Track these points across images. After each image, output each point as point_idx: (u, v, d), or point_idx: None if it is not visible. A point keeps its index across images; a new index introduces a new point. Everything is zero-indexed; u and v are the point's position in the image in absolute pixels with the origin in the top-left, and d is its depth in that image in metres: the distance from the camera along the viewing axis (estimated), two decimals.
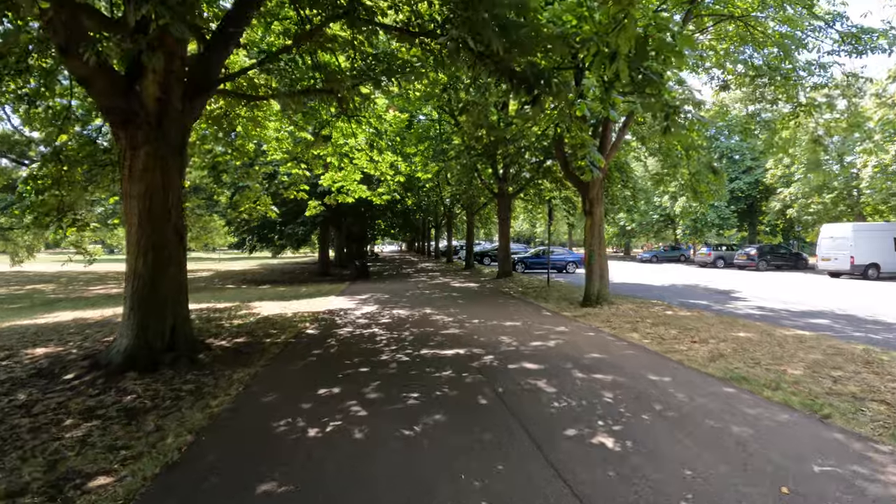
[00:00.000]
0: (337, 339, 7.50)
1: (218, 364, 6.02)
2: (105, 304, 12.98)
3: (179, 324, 6.16)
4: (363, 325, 8.82)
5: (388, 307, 11.25)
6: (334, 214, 22.70)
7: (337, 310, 10.94)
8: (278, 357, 6.41)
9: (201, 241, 39.28)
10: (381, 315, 10.02)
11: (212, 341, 7.37)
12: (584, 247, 11.63)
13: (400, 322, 9.08)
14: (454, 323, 8.89)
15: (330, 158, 11.67)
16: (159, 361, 5.75)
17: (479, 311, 10.34)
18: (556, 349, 6.66)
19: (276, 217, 20.44)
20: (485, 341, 7.20)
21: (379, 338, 7.55)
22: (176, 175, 6.08)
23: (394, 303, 12.09)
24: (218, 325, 8.95)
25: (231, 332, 8.13)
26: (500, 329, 8.24)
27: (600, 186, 11.23)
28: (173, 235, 6.07)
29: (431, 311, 10.41)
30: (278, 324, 9.02)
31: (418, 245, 58.00)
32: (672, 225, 41.43)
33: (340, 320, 9.42)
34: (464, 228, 51.25)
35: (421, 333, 7.88)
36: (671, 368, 5.63)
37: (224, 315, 10.19)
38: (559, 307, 11.05)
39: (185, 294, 6.34)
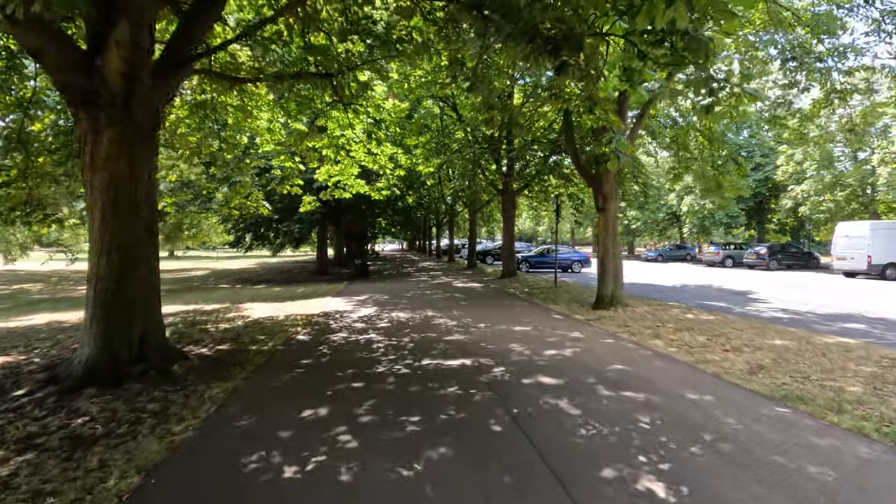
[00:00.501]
0: (330, 347, 6.80)
1: (193, 377, 5.32)
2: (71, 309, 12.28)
3: (150, 331, 5.46)
4: (359, 329, 8.12)
5: (387, 309, 10.54)
6: (333, 212, 21.99)
7: (333, 312, 10.23)
8: (262, 368, 5.71)
9: (198, 240, 38.68)
10: (379, 318, 9.32)
11: (191, 349, 6.67)
12: (596, 245, 10.91)
13: (399, 326, 8.38)
14: (458, 328, 8.18)
15: (326, 151, 10.97)
16: (125, 375, 5.05)
17: (485, 315, 9.63)
18: (573, 359, 5.95)
19: (272, 214, 19.78)
20: (493, 349, 6.49)
21: (376, 345, 6.85)
22: (145, 163, 5.37)
23: (393, 304, 11.39)
24: (202, 329, 8.25)
25: (214, 338, 7.43)
26: (508, 335, 7.53)
27: (614, 181, 10.50)
28: (143, 232, 5.36)
29: (433, 314, 9.71)
30: (268, 328, 8.32)
31: (419, 244, 57.30)
32: (677, 223, 40.66)
33: (335, 324, 8.72)
34: (465, 227, 50.58)
35: (422, 340, 7.18)
36: (709, 384, 4.92)
37: (211, 318, 9.50)
38: (570, 309, 10.33)
39: (156, 298, 5.63)
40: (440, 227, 42.65)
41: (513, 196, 18.43)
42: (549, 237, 78.20)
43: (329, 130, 10.88)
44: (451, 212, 32.93)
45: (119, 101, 5.13)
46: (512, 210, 18.60)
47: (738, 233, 35.85)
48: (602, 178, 10.29)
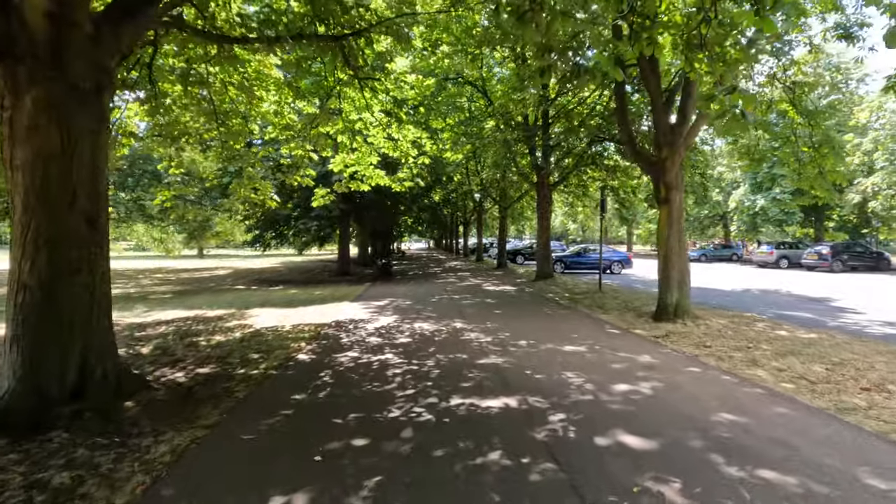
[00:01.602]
0: (334, 373, 5.38)
1: (146, 420, 3.98)
2: None
3: (94, 357, 4.15)
4: (374, 347, 6.70)
5: (409, 318, 9.11)
6: (355, 208, 20.75)
7: (346, 321, 8.86)
8: (241, 406, 4.33)
9: (221, 238, 38.33)
10: (399, 331, 7.88)
11: (163, 373, 5.37)
12: (657, 243, 9.22)
13: (422, 343, 6.92)
14: (494, 345, 6.66)
15: (340, 137, 9.61)
16: (51, 418, 3.75)
17: (525, 327, 8.07)
18: (657, 401, 4.35)
19: (290, 210, 18.66)
20: (543, 381, 4.95)
21: (392, 371, 5.40)
22: (86, 137, 4.06)
23: (416, 312, 9.95)
24: (191, 344, 6.99)
25: (199, 357, 6.13)
26: (558, 357, 5.97)
27: (680, 167, 8.77)
28: (82, 226, 4.06)
29: (463, 326, 8.21)
30: (267, 343, 6.99)
31: (446, 242, 55.91)
32: (721, 220, 37.94)
33: (347, 338, 7.32)
34: (493, 225, 48.93)
35: (450, 364, 5.69)
36: (884, 452, 3.26)
37: (208, 328, 8.26)
38: (625, 321, 8.67)
39: (105, 312, 4.32)
40: (467, 225, 41.20)
41: (549, 190, 16.75)
42: (581, 236, 75.73)
43: (344, 113, 9.52)
44: (479, 209, 31.36)
45: (44, 51, 3.83)
46: (548, 206, 16.93)
47: (790, 230, 33.00)
48: (665, 165, 8.58)
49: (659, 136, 8.74)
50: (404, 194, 22.09)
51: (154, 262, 35.68)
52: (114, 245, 41.85)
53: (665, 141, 8.55)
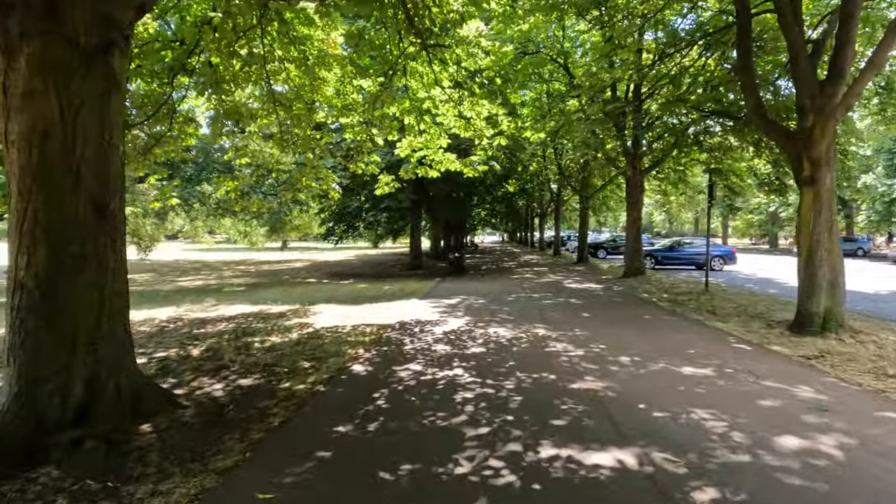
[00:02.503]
0: (390, 394, 4.39)
1: (156, 453, 3.21)
2: (159, 301, 11.40)
3: (106, 370, 3.45)
4: (441, 358, 5.64)
5: (482, 321, 7.98)
6: (427, 200, 19.96)
7: (412, 323, 7.92)
8: (272, 439, 3.45)
9: (300, 231, 39.53)
10: (470, 337, 6.78)
11: (201, 384, 4.69)
12: (797, 233, 7.36)
13: (498, 355, 5.76)
14: (589, 362, 5.35)
15: (407, 118, 8.65)
16: (48, 447, 3.08)
17: (623, 337, 6.64)
18: (862, 476, 2.86)
19: (360, 201, 18.22)
20: (667, 425, 3.60)
21: (461, 396, 4.30)
22: (92, 104, 3.34)
23: (491, 313, 8.79)
24: (244, 345, 6.38)
25: (246, 364, 5.43)
26: (677, 382, 4.55)
27: (832, 139, 6.83)
28: (88, 213, 3.35)
29: (546, 333, 6.94)
30: (323, 348, 6.20)
31: (521, 235, 54.11)
32: (844, 209, 32.80)
33: (410, 344, 6.35)
34: (571, 217, 46.42)
35: (535, 389, 4.48)
36: None
37: (267, 327, 7.70)
38: (753, 332, 6.93)
39: (118, 315, 3.62)
40: (544, 217, 39.25)
41: (640, 176, 14.80)
42: (668, 228, 70.28)
43: (411, 91, 8.55)
44: (557, 199, 29.45)
45: None
46: (639, 194, 14.98)
47: None
48: (811, 136, 6.67)
49: (803, 100, 6.84)
50: (477, 185, 20.94)
51: (240, 254, 37.62)
52: (205, 238, 44.88)
53: (813, 106, 6.64)
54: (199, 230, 35.34)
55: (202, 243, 48.64)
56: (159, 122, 7.78)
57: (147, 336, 7.07)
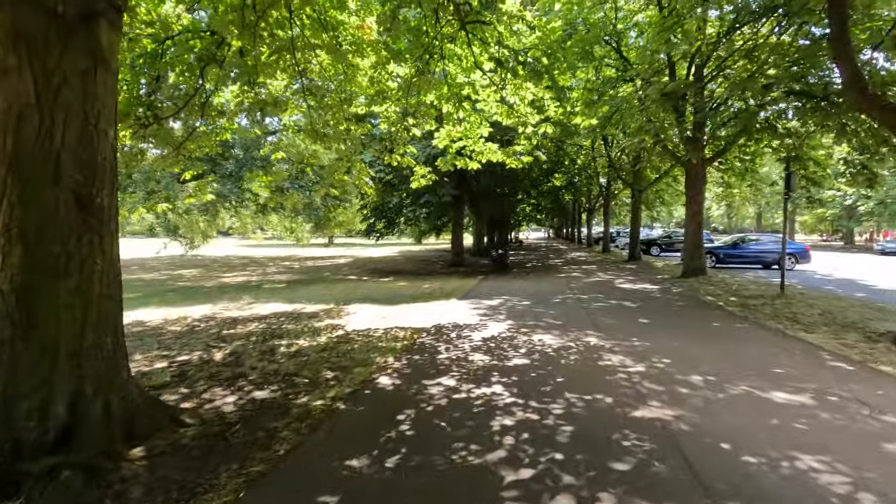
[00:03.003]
0: (417, 417, 3.79)
1: (140, 486, 2.76)
2: (198, 298, 11.37)
3: (93, 387, 3.05)
4: (478, 370, 4.99)
5: (526, 326, 7.26)
6: (469, 194, 19.30)
7: (450, 326, 7.31)
8: (273, 475, 2.93)
9: (344, 228, 39.81)
10: (512, 345, 6.09)
11: (212, 396, 4.27)
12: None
13: (544, 368, 5.04)
14: (652, 381, 4.54)
15: (444, 106, 8.03)
16: (19, 474, 2.68)
17: (691, 349, 5.74)
18: None
19: (400, 196, 17.79)
20: (765, 477, 2.79)
21: (499, 423, 3.63)
22: (73, 81, 2.92)
23: (535, 317, 8.04)
24: (269, 350, 5.99)
25: (266, 373, 5.00)
26: (768, 414, 3.69)
27: None
28: (71, 208, 2.94)
29: (599, 343, 6.14)
30: (350, 355, 5.70)
31: (567, 231, 52.43)
32: None
33: (445, 353, 5.74)
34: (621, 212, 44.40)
35: (588, 416, 3.75)
36: None
37: (297, 328, 7.32)
38: (846, 344, 5.86)
39: (107, 325, 3.20)
40: (592, 212, 37.68)
41: (702, 167, 13.49)
42: (726, 223, 66.22)
43: (449, 76, 7.93)
44: (606, 194, 27.99)
45: None
46: (701, 185, 13.67)
47: None
48: None
49: None
50: (522, 178, 20.07)
51: (287, 250, 38.39)
52: (255, 235, 46.17)
53: None
54: (247, 227, 36.27)
55: (252, 239, 50.26)
56: (191, 115, 7.56)
57: (175, 337, 6.84)
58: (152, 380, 4.67)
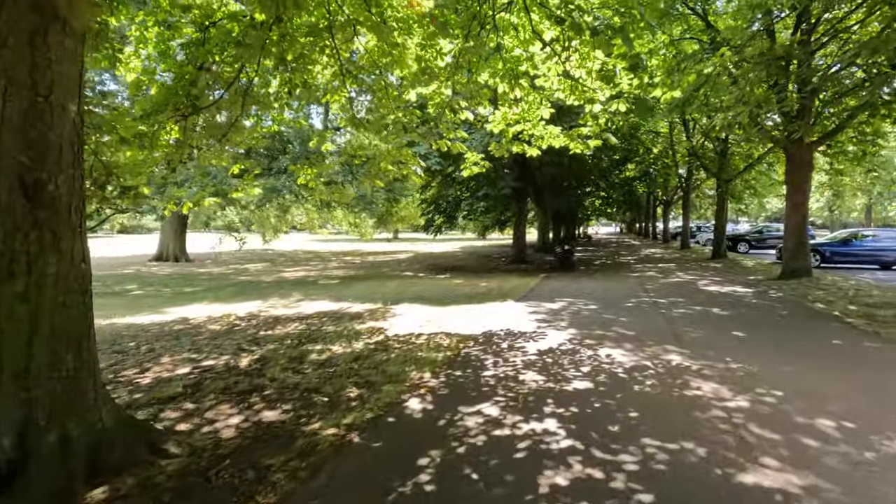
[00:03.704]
0: (442, 463, 2.97)
1: None
2: (252, 294, 11.29)
3: (45, 414, 2.52)
4: (528, 397, 4.09)
5: (591, 337, 6.21)
6: (533, 186, 18.14)
7: (502, 334, 6.43)
8: None
9: (406, 222, 39.76)
10: (573, 363, 5.10)
11: (216, 416, 3.71)
12: None
13: (611, 399, 4.04)
14: (762, 425, 3.40)
15: (500, 84, 7.09)
16: None
17: (808, 375, 4.46)
18: None
19: (458, 190, 17.01)
20: None
21: (546, 483, 2.72)
22: (21, 46, 2.39)
23: (604, 325, 6.95)
24: (298, 356, 5.45)
25: (285, 387, 4.42)
26: None
27: None
28: (16, 197, 2.42)
29: (684, 362, 4.99)
30: (383, 367, 5.00)
31: (640, 226, 49.21)
32: None
33: (492, 369, 4.88)
34: (701, 205, 40.83)
35: (673, 477, 2.74)
36: None
37: (336, 331, 6.77)
38: None
39: (65, 339, 2.65)
40: (669, 205, 34.88)
41: (808, 151, 11.48)
42: (826, 217, 59.16)
43: (505, 50, 7.00)
44: (686, 184, 25.53)
45: None
46: (807, 173, 11.67)
47: None
48: None
49: None
50: (590, 169, 18.56)
51: (352, 245, 39.07)
52: (324, 230, 47.45)
53: None
54: (314, 222, 37.23)
55: (320, 234, 51.81)
56: (234, 105, 7.23)
57: (211, 337, 6.52)
58: (162, 392, 4.23)
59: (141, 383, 4.58)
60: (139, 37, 7.22)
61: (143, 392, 4.28)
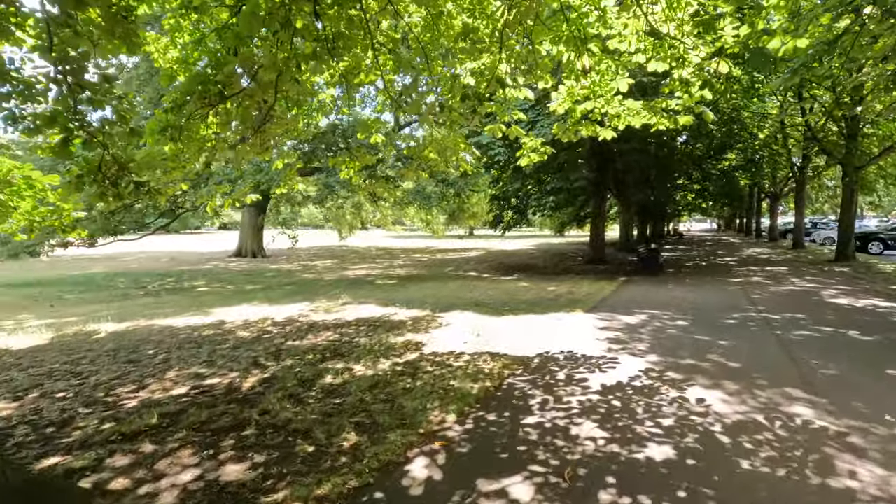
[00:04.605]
0: None
1: None
2: (300, 295, 10.87)
3: None
4: (580, 466, 2.88)
5: (678, 368, 4.78)
6: (615, 177, 16.28)
7: (560, 360, 5.19)
8: None
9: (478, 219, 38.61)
10: (650, 411, 3.77)
11: (162, 470, 2.95)
12: None
13: (706, 482, 2.72)
14: None
15: (563, 51, 5.81)
16: None
17: None
18: None
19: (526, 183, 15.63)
20: None
21: None
22: None
23: (695, 350, 5.43)
24: (312, 377, 4.64)
25: (269, 427, 3.59)
26: None
27: None
28: None
29: (818, 419, 3.47)
30: (402, 399, 4.03)
31: (741, 222, 44.08)
32: None
33: (538, 411, 3.71)
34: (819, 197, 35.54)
35: None
36: None
37: (366, 345, 5.92)
38: None
39: None
40: (777, 198, 30.59)
41: None
42: None
43: (572, 8, 5.73)
44: (800, 174, 21.93)
45: None
46: None
47: None
48: None
49: None
50: (681, 157, 16.29)
51: (426, 242, 38.80)
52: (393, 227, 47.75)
53: None
54: (387, 219, 37.41)
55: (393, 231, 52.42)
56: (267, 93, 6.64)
57: (234, 347, 5.96)
58: (131, 423, 3.57)
59: (124, 406, 4.00)
60: (174, 25, 6.80)
61: (117, 420, 3.66)
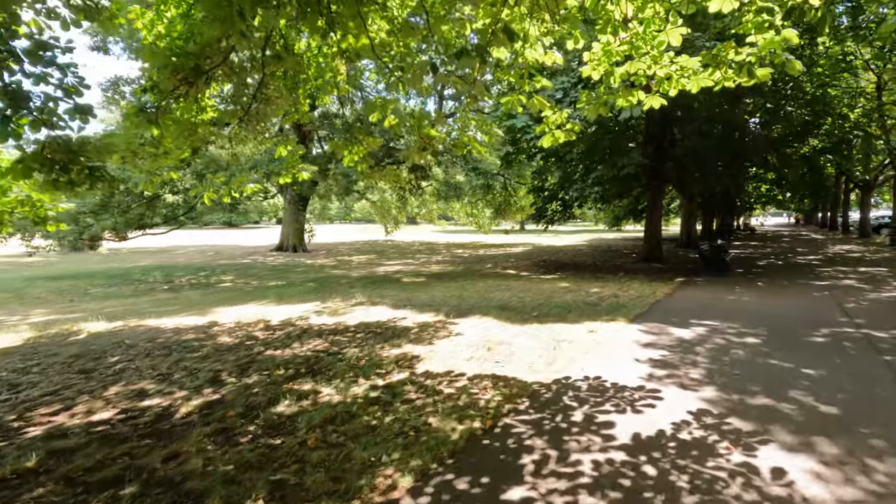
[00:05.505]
0: None
1: None
2: (313, 294, 10.15)
3: None
4: None
5: (745, 413, 3.47)
6: (675, 166, 14.44)
7: (582, 391, 4.01)
8: None
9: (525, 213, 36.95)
10: (695, 486, 2.55)
11: None
12: None
13: None
14: None
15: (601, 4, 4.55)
16: None
17: None
18: None
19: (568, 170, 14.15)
20: None
21: None
22: None
23: (769, 384, 4.06)
24: (267, 401, 3.76)
25: (158, 483, 2.71)
26: None
27: None
28: None
29: None
30: (355, 443, 3.04)
31: (823, 216, 39.55)
32: None
33: (531, 478, 2.59)
34: None
35: None
36: None
37: (349, 360, 5.00)
38: None
39: None
40: (869, 188, 26.89)
41: None
42: None
43: None
44: None
45: None
46: None
47: None
48: None
49: None
50: (754, 140, 14.17)
51: (471, 237, 37.74)
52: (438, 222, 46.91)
53: None
54: (432, 214, 36.67)
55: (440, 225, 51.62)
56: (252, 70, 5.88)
57: (206, 356, 5.22)
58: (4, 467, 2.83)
59: (25, 436, 3.29)
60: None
61: None
